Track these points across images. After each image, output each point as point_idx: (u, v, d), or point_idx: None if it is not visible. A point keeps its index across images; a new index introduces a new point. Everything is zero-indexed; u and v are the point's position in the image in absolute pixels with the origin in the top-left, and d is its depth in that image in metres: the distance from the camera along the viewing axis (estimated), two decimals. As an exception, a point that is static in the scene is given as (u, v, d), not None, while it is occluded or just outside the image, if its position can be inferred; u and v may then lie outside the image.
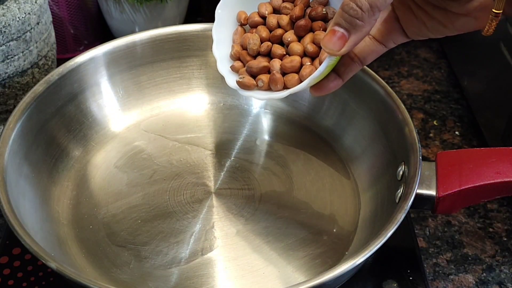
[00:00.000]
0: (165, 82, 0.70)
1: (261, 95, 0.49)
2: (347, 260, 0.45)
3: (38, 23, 0.64)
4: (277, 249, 0.56)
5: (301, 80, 0.47)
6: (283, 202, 0.60)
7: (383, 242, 0.47)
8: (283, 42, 0.49)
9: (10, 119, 0.56)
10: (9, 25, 0.60)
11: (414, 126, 0.56)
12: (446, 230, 0.63)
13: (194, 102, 0.71)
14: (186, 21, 0.86)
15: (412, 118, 0.57)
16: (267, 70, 0.49)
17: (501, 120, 0.65)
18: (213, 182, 0.62)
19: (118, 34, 0.83)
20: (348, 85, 0.49)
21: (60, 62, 0.66)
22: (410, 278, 0.56)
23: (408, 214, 0.51)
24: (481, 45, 0.73)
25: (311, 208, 0.60)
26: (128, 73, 0.68)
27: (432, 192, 0.53)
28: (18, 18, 0.61)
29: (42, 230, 0.54)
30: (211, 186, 0.62)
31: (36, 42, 0.65)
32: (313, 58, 0.48)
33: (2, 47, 0.61)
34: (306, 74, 0.47)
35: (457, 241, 0.62)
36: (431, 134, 0.75)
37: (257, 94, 0.49)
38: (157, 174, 0.63)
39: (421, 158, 0.53)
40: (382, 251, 0.48)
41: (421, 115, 0.77)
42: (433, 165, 0.54)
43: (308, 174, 0.63)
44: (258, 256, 0.55)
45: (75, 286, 0.48)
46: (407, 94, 0.81)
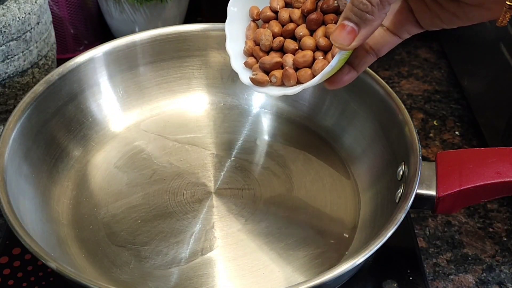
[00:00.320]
0: (165, 82, 0.70)
1: (274, 91, 0.49)
2: (347, 260, 0.45)
3: (38, 23, 0.64)
4: (277, 249, 0.56)
5: (314, 75, 0.47)
6: (283, 202, 0.60)
7: (383, 242, 0.47)
8: (295, 36, 0.49)
9: (10, 119, 0.56)
10: (9, 25, 0.60)
11: (414, 126, 0.56)
12: (446, 230, 0.63)
13: (194, 102, 0.71)
14: (186, 21, 0.86)
15: (412, 118, 0.57)
16: (280, 65, 0.49)
17: (501, 120, 0.65)
18: (213, 182, 0.62)
19: (118, 34, 0.83)
20: (348, 85, 0.49)
21: (60, 62, 0.66)
22: (410, 278, 0.56)
23: (408, 214, 0.51)
24: (481, 45, 0.73)
25: (311, 208, 0.60)
26: (128, 73, 0.68)
27: (432, 192, 0.53)
28: (18, 18, 0.61)
29: (42, 230, 0.54)
30: (211, 186, 0.61)
31: (36, 42, 0.65)
32: (325, 52, 0.48)
33: (2, 47, 0.61)
34: (318, 68, 0.47)
35: (457, 241, 0.62)
36: (431, 134, 0.75)
37: (270, 91, 0.49)
38: (157, 174, 0.63)
39: (421, 158, 0.53)
40: (382, 251, 0.48)
41: (421, 115, 0.77)
42: (433, 165, 0.54)
43: (308, 174, 0.63)
44: (258, 256, 0.55)
45: (75, 286, 0.48)
46: (407, 94, 0.81)
